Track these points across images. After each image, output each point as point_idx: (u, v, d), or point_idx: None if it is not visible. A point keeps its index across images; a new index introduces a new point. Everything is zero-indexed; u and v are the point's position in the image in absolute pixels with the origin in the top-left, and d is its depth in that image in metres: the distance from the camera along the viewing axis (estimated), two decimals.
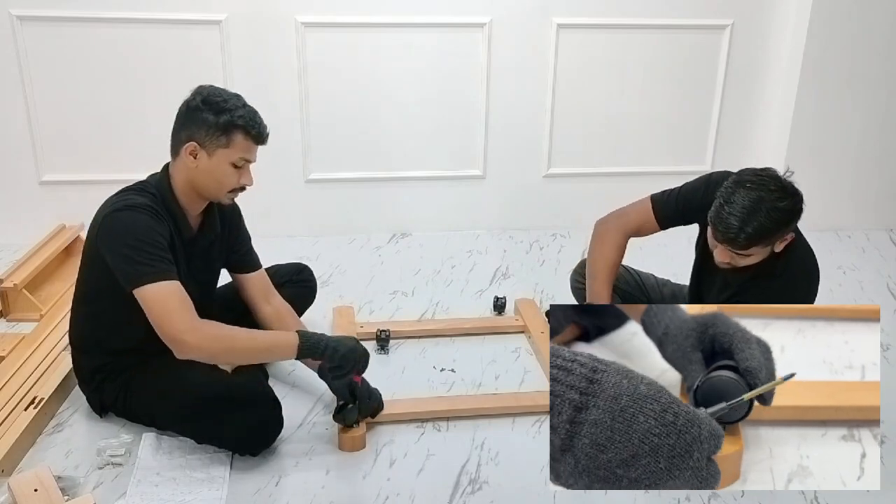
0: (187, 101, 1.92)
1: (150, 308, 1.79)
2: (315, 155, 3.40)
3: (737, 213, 1.79)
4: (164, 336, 1.79)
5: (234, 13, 3.15)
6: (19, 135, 3.18)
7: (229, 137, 1.89)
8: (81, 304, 2.04)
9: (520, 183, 3.56)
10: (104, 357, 2.01)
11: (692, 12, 3.41)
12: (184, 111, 1.92)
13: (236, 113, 1.89)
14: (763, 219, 1.79)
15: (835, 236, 3.62)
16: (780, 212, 1.79)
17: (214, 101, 1.89)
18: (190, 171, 1.93)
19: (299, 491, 1.85)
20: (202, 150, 1.90)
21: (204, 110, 1.88)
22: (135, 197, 1.90)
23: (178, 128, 1.93)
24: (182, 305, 1.80)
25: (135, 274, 1.80)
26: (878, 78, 3.48)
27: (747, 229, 1.79)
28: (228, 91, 1.96)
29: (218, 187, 1.95)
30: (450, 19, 3.28)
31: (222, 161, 1.91)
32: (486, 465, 1.96)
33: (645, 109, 3.53)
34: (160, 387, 1.96)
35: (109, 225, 1.86)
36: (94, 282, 1.97)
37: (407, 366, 2.42)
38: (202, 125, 1.88)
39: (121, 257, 1.82)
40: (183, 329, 1.78)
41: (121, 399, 2.02)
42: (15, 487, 1.74)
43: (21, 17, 3.03)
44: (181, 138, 1.91)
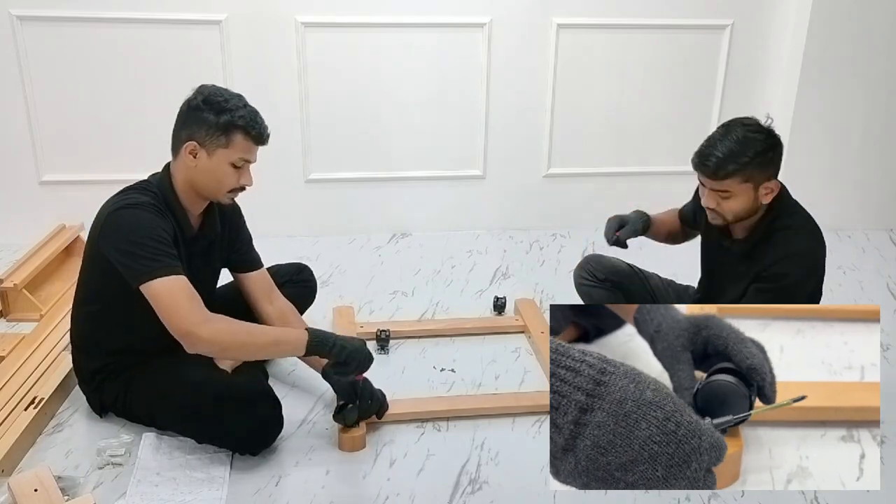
0: (188, 101, 1.92)
1: (159, 302, 1.78)
2: (315, 155, 3.40)
3: (710, 141, 1.95)
4: (176, 329, 1.78)
5: (234, 13, 3.15)
6: (19, 135, 3.18)
7: (229, 138, 1.89)
8: (82, 304, 2.04)
9: (520, 183, 3.56)
10: (105, 357, 2.02)
11: (692, 12, 3.41)
12: (185, 110, 1.92)
13: (237, 113, 1.89)
14: (732, 144, 1.89)
15: (835, 236, 3.62)
16: (752, 141, 1.89)
17: (216, 100, 1.88)
18: (189, 170, 1.92)
19: (299, 491, 1.85)
20: (202, 150, 1.90)
21: (205, 110, 1.88)
22: (137, 195, 1.90)
23: (178, 127, 1.93)
24: (192, 299, 1.80)
25: (141, 270, 1.79)
26: (878, 78, 3.48)
27: (716, 153, 1.91)
28: (230, 91, 1.95)
29: (217, 187, 1.95)
30: (450, 19, 3.28)
31: (222, 161, 1.91)
32: (486, 465, 1.96)
33: (645, 109, 3.53)
34: (160, 387, 1.96)
35: (113, 223, 1.85)
36: (94, 283, 1.97)
37: (407, 366, 2.43)
38: (202, 125, 1.88)
39: (126, 254, 1.81)
40: (195, 322, 1.77)
41: (121, 399, 2.02)
42: (15, 487, 1.74)
43: (21, 17, 3.03)
44: (181, 137, 1.91)
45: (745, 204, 1.97)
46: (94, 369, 2.03)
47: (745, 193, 1.95)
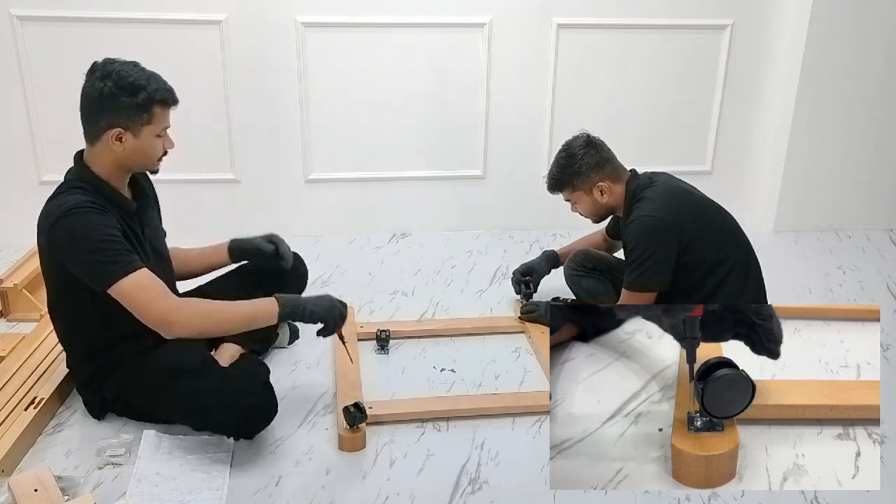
0: (96, 88, 1.89)
1: (129, 301, 1.84)
2: (315, 155, 3.40)
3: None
4: (150, 322, 1.84)
5: (234, 13, 3.15)
6: (19, 135, 3.18)
7: (150, 114, 1.92)
8: (56, 313, 2.06)
9: (520, 183, 3.56)
10: (97, 356, 2.03)
11: (692, 12, 3.41)
12: (96, 97, 1.89)
13: (149, 88, 1.91)
14: (554, 167, 2.40)
15: (835, 236, 3.62)
16: (564, 161, 2.36)
17: (126, 82, 1.88)
18: (117, 154, 1.93)
19: (299, 491, 1.85)
20: (127, 133, 1.91)
21: (119, 94, 1.88)
22: (71, 197, 1.90)
23: (92, 115, 1.93)
24: (159, 290, 1.86)
25: (104, 274, 1.83)
26: (878, 77, 3.48)
27: (549, 176, 2.43)
28: (128, 63, 1.94)
29: (148, 161, 2.00)
30: (450, 19, 3.28)
31: (148, 137, 1.94)
32: (486, 465, 1.96)
33: (645, 109, 3.53)
34: (156, 377, 1.98)
35: (61, 234, 1.86)
36: (59, 290, 1.99)
37: (407, 366, 2.43)
38: (122, 109, 1.89)
39: (84, 263, 1.85)
40: (166, 310, 1.84)
41: (122, 393, 2.03)
42: (15, 487, 1.74)
43: (21, 17, 3.03)
44: (101, 126, 1.91)
45: (590, 205, 2.39)
46: (93, 370, 2.04)
47: (582, 199, 2.39)
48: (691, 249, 2.20)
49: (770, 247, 3.40)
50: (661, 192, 2.27)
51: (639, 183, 2.33)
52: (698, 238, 2.21)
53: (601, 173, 2.34)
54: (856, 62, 3.44)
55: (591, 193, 2.36)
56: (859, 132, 3.56)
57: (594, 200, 2.37)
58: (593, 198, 2.36)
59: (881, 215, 3.71)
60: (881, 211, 3.71)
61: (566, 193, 2.41)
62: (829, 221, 3.68)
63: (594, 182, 2.34)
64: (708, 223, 2.26)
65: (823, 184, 3.61)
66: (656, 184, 2.30)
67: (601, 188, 2.34)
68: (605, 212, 2.42)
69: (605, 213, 2.43)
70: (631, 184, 2.34)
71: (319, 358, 2.43)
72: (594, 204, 2.38)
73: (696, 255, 2.21)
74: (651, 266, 2.19)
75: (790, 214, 3.64)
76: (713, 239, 2.24)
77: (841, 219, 3.68)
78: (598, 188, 2.34)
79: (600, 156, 2.35)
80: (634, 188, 2.32)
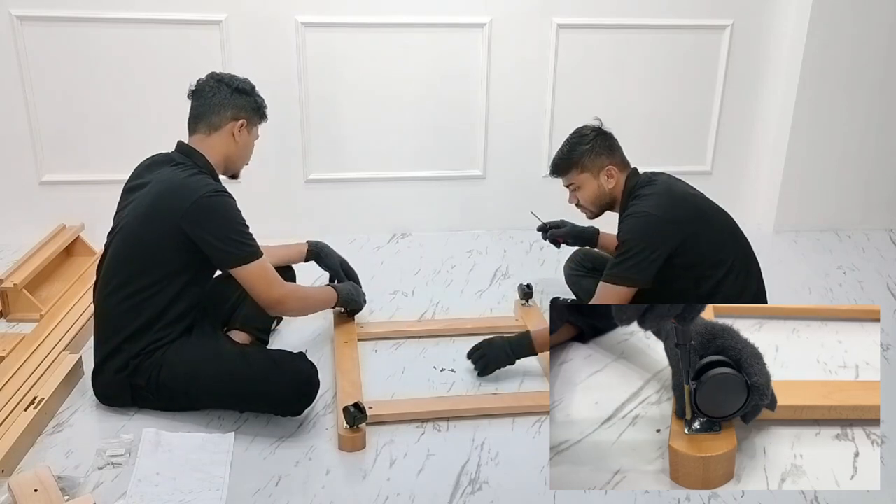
0: (228, 83, 2.15)
1: (254, 282, 2.07)
2: (315, 155, 3.40)
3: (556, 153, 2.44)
4: (266, 300, 2.10)
5: (234, 13, 3.16)
6: (19, 135, 3.18)
7: (261, 119, 2.25)
8: (130, 289, 2.04)
9: (520, 183, 3.56)
10: (150, 337, 2.04)
11: (692, 12, 3.41)
12: (227, 91, 2.14)
13: (260, 98, 2.23)
14: (565, 147, 2.39)
15: (835, 236, 3.62)
16: (577, 141, 2.37)
17: (249, 86, 2.20)
18: (230, 146, 2.17)
19: (299, 491, 1.86)
20: (247, 126, 2.18)
21: (247, 93, 2.18)
22: (208, 180, 2.08)
23: (219, 107, 2.13)
24: (276, 276, 2.12)
25: (242, 254, 2.04)
26: (878, 78, 3.48)
27: (556, 158, 2.42)
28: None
29: (244, 161, 2.27)
30: (450, 19, 3.29)
31: (253, 138, 2.25)
32: (486, 465, 1.96)
33: (645, 110, 3.53)
34: (196, 359, 2.05)
35: (206, 210, 2.01)
36: (153, 258, 2.04)
37: (407, 366, 2.43)
38: (249, 105, 2.18)
39: (225, 241, 2.02)
40: (282, 294, 2.12)
41: (154, 378, 2.04)
42: (15, 487, 1.74)
43: (21, 17, 3.03)
44: (226, 116, 2.14)
45: (594, 190, 2.36)
46: (136, 353, 2.03)
47: (588, 182, 2.36)
48: (689, 249, 2.19)
49: (770, 247, 3.40)
50: (660, 190, 2.27)
51: (638, 181, 2.33)
52: (697, 237, 2.20)
53: (612, 157, 2.35)
54: (856, 62, 3.44)
55: (598, 177, 2.34)
56: (859, 132, 3.56)
57: (599, 185, 2.35)
58: (599, 182, 2.35)
59: (881, 215, 3.71)
60: (881, 211, 3.71)
61: (572, 175, 2.38)
62: (829, 221, 3.68)
63: (604, 164, 2.34)
64: (707, 223, 2.26)
65: (823, 184, 3.62)
66: (656, 183, 2.30)
67: (609, 171, 2.33)
68: (607, 201, 2.39)
69: (605, 204, 2.40)
70: (630, 180, 2.34)
71: (319, 358, 2.43)
72: (599, 189, 2.36)
73: (695, 255, 2.20)
74: (637, 262, 2.17)
75: (790, 214, 3.64)
76: (712, 239, 2.24)
77: (841, 219, 3.68)
78: (606, 171, 2.33)
79: (611, 142, 2.37)
80: (633, 185, 2.32)
